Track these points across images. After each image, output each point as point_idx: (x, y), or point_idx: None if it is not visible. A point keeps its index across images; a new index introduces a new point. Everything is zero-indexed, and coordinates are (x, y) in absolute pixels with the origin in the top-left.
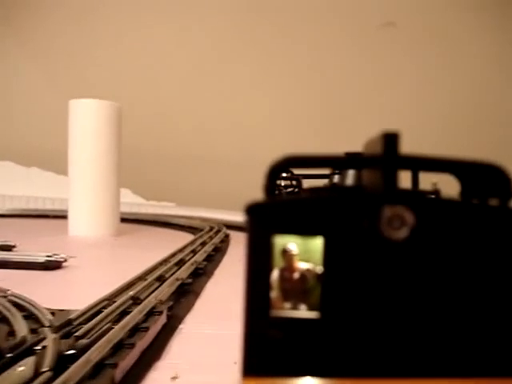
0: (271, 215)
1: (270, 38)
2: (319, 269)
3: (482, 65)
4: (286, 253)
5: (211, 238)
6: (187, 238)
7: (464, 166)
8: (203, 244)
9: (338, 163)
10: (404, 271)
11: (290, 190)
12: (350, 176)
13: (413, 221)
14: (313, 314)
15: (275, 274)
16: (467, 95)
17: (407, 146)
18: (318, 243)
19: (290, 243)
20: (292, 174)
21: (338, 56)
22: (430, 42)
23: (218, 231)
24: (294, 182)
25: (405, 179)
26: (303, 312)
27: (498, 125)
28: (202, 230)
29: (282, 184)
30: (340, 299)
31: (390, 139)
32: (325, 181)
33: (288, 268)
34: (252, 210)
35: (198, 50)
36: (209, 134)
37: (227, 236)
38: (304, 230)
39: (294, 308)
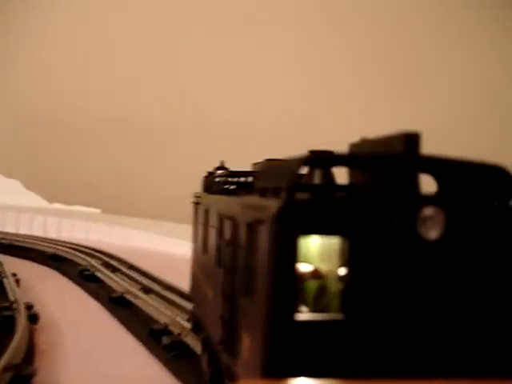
0: (299, 217)
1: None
2: (342, 270)
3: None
4: (306, 256)
5: None
6: None
7: (472, 167)
8: None
9: (361, 163)
10: (436, 271)
11: (230, 186)
12: (317, 175)
13: (445, 221)
14: (337, 316)
15: (298, 276)
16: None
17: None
18: (338, 244)
19: (312, 245)
20: (229, 171)
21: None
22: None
23: None
24: (230, 179)
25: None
26: (327, 314)
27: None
28: None
29: (217, 180)
30: (366, 300)
31: (412, 140)
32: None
33: (310, 270)
34: (280, 211)
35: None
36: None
37: None
38: (330, 231)
39: (316, 310)
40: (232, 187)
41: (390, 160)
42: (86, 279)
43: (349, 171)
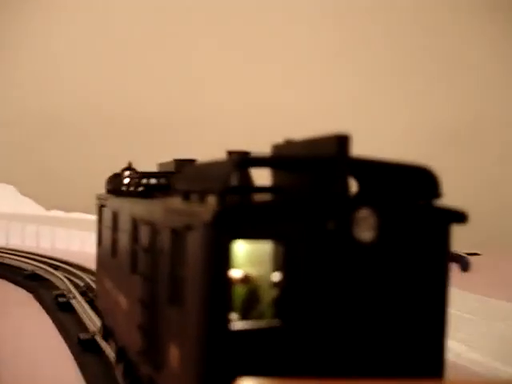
0: (233, 222)
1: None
2: (275, 275)
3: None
4: (237, 261)
5: None
6: None
7: (398, 169)
8: None
9: (292, 165)
10: (371, 272)
11: (139, 188)
12: (235, 177)
13: (379, 223)
14: (273, 323)
15: (231, 283)
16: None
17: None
18: (271, 248)
19: (241, 250)
20: (139, 172)
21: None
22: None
23: None
24: (139, 181)
25: None
26: (263, 322)
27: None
28: None
29: (125, 182)
30: (302, 305)
31: (343, 142)
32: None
33: (241, 276)
34: (214, 216)
35: None
36: None
37: None
38: (266, 235)
39: (250, 318)
40: (141, 189)
41: (321, 162)
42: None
43: (272, 173)
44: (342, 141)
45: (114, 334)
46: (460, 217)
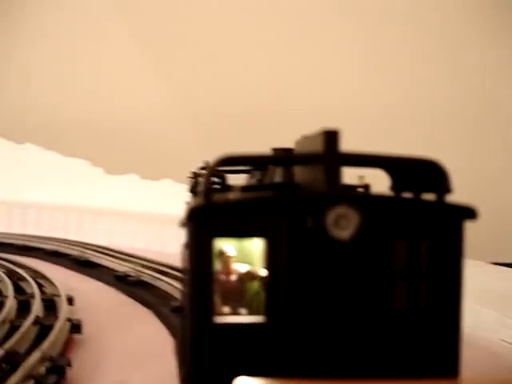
0: (213, 219)
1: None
2: (262, 271)
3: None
4: (222, 255)
5: None
6: None
7: (401, 162)
8: None
9: (278, 161)
10: (350, 270)
11: (216, 186)
12: (279, 172)
13: (358, 220)
14: (258, 319)
15: (215, 278)
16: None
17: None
18: (256, 245)
19: (227, 245)
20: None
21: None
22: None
23: None
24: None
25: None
26: (247, 317)
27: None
28: None
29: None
30: (286, 301)
31: (331, 137)
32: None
33: (226, 271)
34: (193, 214)
35: None
36: None
37: None
38: (246, 232)
39: (236, 312)
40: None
41: (308, 158)
42: None
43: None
44: (329, 136)
45: None
46: (471, 213)
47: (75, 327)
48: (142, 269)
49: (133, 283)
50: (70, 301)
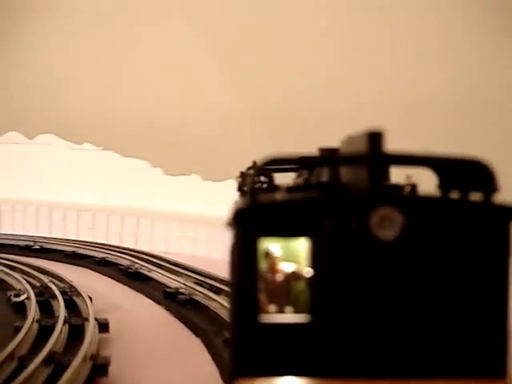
0: (259, 219)
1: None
2: (307, 271)
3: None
4: (268, 255)
5: None
6: None
7: (449, 161)
8: None
9: (322, 161)
10: (395, 271)
11: (263, 186)
12: (325, 172)
13: (402, 221)
14: (302, 318)
15: (261, 278)
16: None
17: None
18: (302, 245)
19: (273, 245)
20: (264, 169)
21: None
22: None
23: None
24: (264, 178)
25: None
26: (292, 316)
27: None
28: None
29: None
30: (330, 301)
31: (375, 138)
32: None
33: (271, 271)
34: (239, 215)
35: None
36: None
37: None
38: (291, 232)
39: (280, 311)
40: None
41: (352, 159)
42: None
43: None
44: (374, 137)
45: None
46: None
47: (99, 369)
48: (195, 286)
49: (183, 302)
50: (103, 327)
